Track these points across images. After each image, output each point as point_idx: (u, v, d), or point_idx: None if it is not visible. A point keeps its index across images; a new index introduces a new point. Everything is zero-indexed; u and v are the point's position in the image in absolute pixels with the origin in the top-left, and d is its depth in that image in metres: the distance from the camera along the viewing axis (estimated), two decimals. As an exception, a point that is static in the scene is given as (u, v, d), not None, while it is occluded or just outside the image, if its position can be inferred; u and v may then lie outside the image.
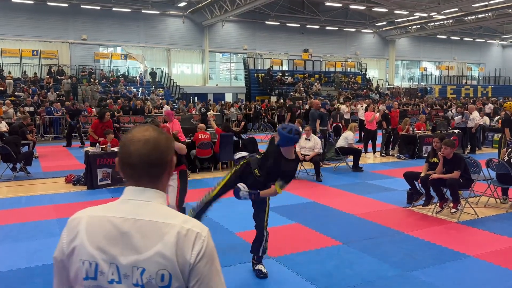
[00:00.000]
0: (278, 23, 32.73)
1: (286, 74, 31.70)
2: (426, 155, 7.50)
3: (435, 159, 6.85)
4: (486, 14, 31.00)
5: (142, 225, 1.27)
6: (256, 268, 4.41)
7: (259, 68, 32.48)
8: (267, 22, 32.29)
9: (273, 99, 27.23)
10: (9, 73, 23.61)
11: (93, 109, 19.10)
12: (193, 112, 21.38)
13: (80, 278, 1.29)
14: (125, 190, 1.37)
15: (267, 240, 4.42)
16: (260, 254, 4.42)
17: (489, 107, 20.56)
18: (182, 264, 1.24)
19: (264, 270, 4.37)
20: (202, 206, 4.48)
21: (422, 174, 6.79)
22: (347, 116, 17.21)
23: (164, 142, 1.37)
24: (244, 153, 4.65)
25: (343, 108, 17.69)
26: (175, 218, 1.30)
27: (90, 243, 1.28)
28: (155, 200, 1.34)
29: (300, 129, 12.78)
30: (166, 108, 19.73)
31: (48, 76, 24.27)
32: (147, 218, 1.28)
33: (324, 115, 12.03)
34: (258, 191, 4.08)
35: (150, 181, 1.35)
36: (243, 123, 14.60)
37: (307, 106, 22.08)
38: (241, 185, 4.07)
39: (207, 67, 31.56)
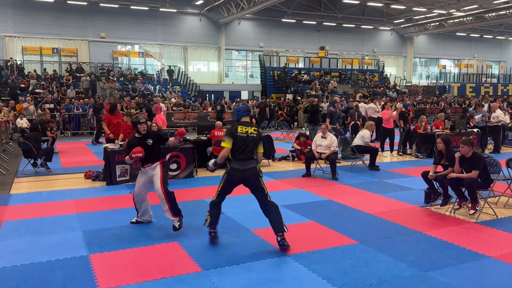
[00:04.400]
0: (294, 21, 32.64)
1: (302, 72, 31.59)
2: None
3: (443, 161, 6.77)
4: (507, 11, 30.36)
5: None
6: None
7: (275, 66, 32.46)
8: (283, 20, 32.23)
9: (289, 96, 27.22)
10: (34, 71, 24.26)
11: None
12: (209, 109, 21.50)
13: None
14: None
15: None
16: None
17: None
18: None
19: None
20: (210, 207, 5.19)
21: (430, 173, 6.72)
22: (375, 115, 15.39)
23: None
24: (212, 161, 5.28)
25: (372, 106, 16.12)
26: None
27: None
28: None
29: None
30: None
31: (67, 74, 24.69)
32: None
33: (333, 113, 12.00)
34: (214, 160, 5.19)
35: None
36: (253, 120, 14.56)
37: (323, 104, 21.94)
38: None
39: (223, 64, 31.67)
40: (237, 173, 4.96)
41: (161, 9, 28.36)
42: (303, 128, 20.41)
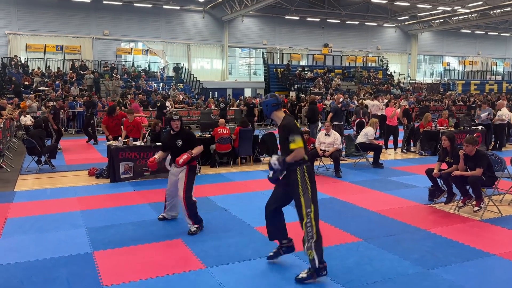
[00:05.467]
0: (298, 18, 32.54)
1: (306, 69, 31.52)
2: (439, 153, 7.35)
3: (448, 159, 6.75)
4: (513, 8, 30.17)
5: None
6: None
7: (278, 63, 32.39)
8: (287, 17, 32.14)
9: (292, 94, 27.18)
10: (39, 68, 24.37)
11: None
12: (212, 107, 21.49)
13: None
14: None
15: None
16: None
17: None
18: None
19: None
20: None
21: (435, 171, 6.70)
22: (378, 113, 14.94)
23: None
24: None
25: (376, 103, 15.73)
26: None
27: None
28: None
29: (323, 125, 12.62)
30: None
31: (71, 71, 24.74)
32: None
33: (338, 110, 12.04)
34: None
35: None
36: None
37: (327, 102, 21.91)
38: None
39: (227, 62, 31.63)
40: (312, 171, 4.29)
41: (164, 7, 28.34)
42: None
